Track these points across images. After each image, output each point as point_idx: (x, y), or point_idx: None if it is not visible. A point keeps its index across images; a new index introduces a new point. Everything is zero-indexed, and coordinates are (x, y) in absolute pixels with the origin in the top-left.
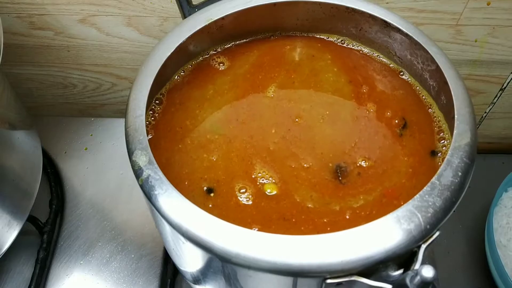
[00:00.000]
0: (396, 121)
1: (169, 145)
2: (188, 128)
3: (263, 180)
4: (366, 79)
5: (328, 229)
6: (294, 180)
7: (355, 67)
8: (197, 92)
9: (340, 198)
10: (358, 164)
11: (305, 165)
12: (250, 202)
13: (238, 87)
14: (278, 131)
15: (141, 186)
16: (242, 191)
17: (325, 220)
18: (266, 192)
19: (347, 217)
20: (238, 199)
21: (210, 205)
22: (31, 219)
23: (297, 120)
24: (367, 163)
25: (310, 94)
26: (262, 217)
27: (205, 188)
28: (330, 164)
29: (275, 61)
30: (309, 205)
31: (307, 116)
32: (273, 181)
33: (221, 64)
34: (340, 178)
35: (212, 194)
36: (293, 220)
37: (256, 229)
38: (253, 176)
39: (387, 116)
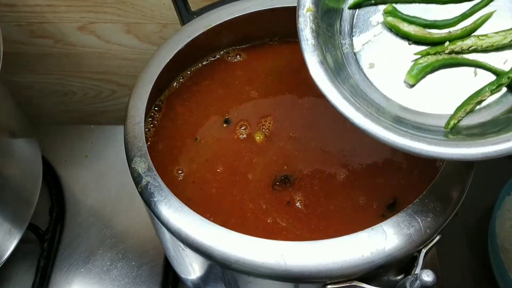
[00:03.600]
0: (375, 206)
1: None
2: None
3: (263, 127)
4: None
5: (248, 214)
6: (271, 145)
7: None
8: (196, 98)
9: (267, 200)
10: (295, 197)
11: (282, 144)
12: (243, 136)
13: (238, 91)
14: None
15: (141, 193)
16: (242, 128)
17: (250, 206)
18: (255, 136)
19: (269, 221)
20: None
21: (217, 138)
22: (32, 227)
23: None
24: (301, 206)
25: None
26: (230, 159)
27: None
28: (285, 167)
29: (276, 67)
30: (249, 176)
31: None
32: (266, 133)
33: (221, 70)
34: (276, 183)
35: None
36: (237, 179)
37: (219, 169)
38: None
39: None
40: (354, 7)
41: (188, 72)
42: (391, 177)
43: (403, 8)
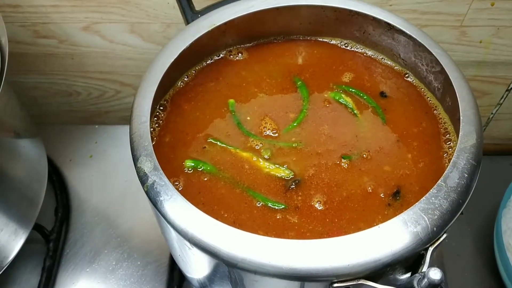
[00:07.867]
0: (382, 194)
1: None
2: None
3: (272, 123)
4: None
5: (258, 206)
6: (282, 139)
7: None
8: (202, 97)
9: (278, 194)
10: (311, 202)
11: (293, 138)
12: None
13: (241, 91)
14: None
15: (147, 193)
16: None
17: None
18: (265, 133)
19: (278, 217)
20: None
21: (225, 136)
22: (37, 228)
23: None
24: (322, 206)
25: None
26: (238, 157)
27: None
28: (294, 158)
29: (279, 65)
30: (260, 172)
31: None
32: (275, 130)
33: (225, 69)
34: (287, 188)
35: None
36: (245, 176)
37: (227, 167)
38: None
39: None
40: None
41: (193, 71)
42: (397, 166)
43: None
